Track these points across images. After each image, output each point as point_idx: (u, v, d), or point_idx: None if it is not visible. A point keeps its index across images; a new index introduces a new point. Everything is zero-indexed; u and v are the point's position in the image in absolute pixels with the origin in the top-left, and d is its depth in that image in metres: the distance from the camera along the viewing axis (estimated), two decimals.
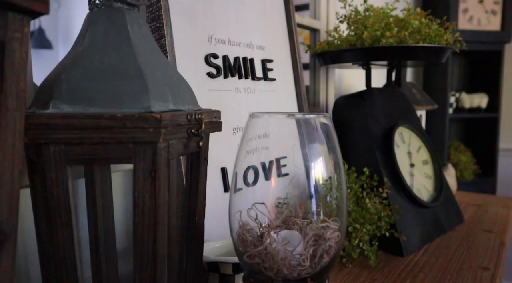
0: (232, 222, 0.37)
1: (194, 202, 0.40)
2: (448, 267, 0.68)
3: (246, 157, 0.44)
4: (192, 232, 0.40)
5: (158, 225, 0.34)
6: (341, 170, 0.40)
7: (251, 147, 0.45)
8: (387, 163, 0.79)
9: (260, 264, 0.34)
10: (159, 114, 0.32)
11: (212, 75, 0.63)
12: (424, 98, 1.11)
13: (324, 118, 0.37)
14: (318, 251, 0.34)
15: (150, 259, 0.34)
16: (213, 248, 0.52)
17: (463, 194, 1.18)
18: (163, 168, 0.34)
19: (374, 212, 0.70)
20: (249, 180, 0.59)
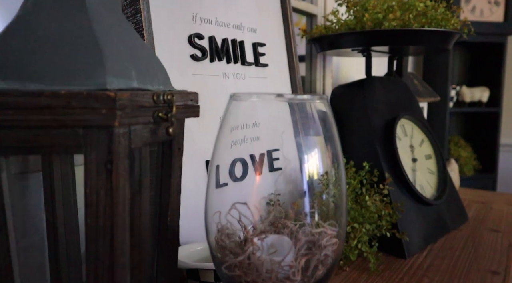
0: (209, 224, 0.31)
1: (166, 200, 0.34)
2: (455, 271, 0.62)
3: (232, 148, 0.38)
4: (164, 235, 0.34)
5: (117, 228, 0.28)
6: (340, 164, 0.34)
7: (238, 137, 0.39)
8: (388, 157, 0.73)
9: (241, 278, 0.28)
10: (113, 92, 0.25)
11: (197, 58, 0.57)
12: (426, 90, 1.05)
13: (321, 102, 0.31)
14: (312, 261, 0.28)
15: (107, 269, 0.28)
16: (194, 252, 0.46)
17: (464, 190, 1.13)
18: (122, 159, 0.27)
19: (374, 210, 0.64)
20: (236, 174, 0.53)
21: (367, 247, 0.63)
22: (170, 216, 0.34)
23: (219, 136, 0.34)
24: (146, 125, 0.29)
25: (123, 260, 0.29)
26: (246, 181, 0.50)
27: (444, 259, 0.66)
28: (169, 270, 0.35)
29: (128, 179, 0.28)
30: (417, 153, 0.81)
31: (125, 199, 0.28)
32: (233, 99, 0.32)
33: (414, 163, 0.79)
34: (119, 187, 0.27)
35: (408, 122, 0.82)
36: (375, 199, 0.65)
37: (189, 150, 0.54)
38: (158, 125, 0.31)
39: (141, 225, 0.36)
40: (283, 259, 0.27)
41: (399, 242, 0.67)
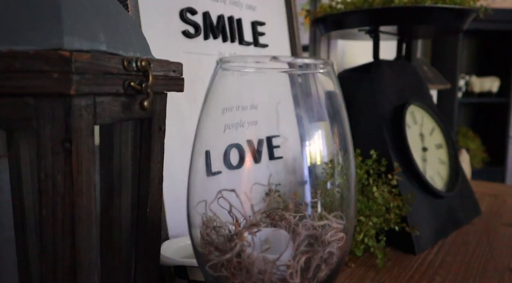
0: (192, 215, 0.26)
1: (145, 188, 0.29)
2: (469, 268, 0.57)
3: (226, 132, 0.33)
4: (143, 229, 0.30)
5: (79, 222, 0.23)
6: (349, 147, 0.29)
7: (233, 119, 0.34)
8: (397, 145, 0.68)
9: (229, 280, 0.23)
10: (68, 51, 0.20)
11: (189, 34, 0.52)
12: (436, 77, 0.99)
13: (325, 68, 0.26)
14: (314, 260, 0.23)
15: (67, 270, 0.23)
16: (183, 247, 0.41)
17: (475, 182, 1.08)
18: (85, 137, 0.23)
19: (382, 202, 0.59)
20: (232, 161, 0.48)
21: (374, 242, 0.58)
22: (150, 207, 0.29)
23: (206, 114, 0.29)
24: (116, 97, 0.25)
25: (88, 259, 0.24)
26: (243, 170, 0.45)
27: (457, 256, 0.61)
28: (149, 269, 0.30)
29: (94, 162, 0.24)
30: (428, 141, 0.76)
31: (90, 187, 0.24)
32: (222, 67, 0.27)
33: (424, 152, 0.74)
34: (81, 171, 0.23)
35: (418, 109, 0.76)
36: (383, 190, 0.60)
37: (180, 136, 0.49)
38: (131, 98, 0.26)
39: (121, 218, 0.31)
40: (278, 257, 0.22)
41: (408, 237, 0.62)
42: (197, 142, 0.30)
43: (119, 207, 0.31)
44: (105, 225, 0.31)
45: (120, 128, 0.31)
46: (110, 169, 0.32)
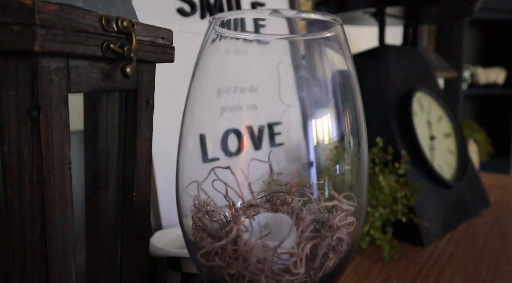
0: (181, 198, 0.23)
1: (130, 170, 0.26)
2: (481, 261, 0.54)
3: (223, 115, 0.30)
4: (129, 215, 0.26)
5: (50, 204, 0.20)
6: (361, 125, 0.26)
7: (231, 102, 0.31)
8: (404, 133, 0.65)
9: (223, 270, 0.20)
10: (31, 0, 0.17)
11: (184, 12, 0.49)
12: (443, 65, 0.96)
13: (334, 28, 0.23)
14: (320, 248, 0.20)
15: (38, 260, 0.20)
16: (176, 237, 0.38)
17: (482, 174, 1.04)
18: (56, 104, 0.20)
19: (389, 192, 0.56)
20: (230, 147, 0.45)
21: (380, 234, 0.55)
22: (136, 190, 0.26)
23: (199, 91, 0.26)
24: (94, 62, 0.21)
25: (62, 247, 0.21)
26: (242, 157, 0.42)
27: (467, 248, 0.58)
28: (137, 259, 0.27)
29: (68, 136, 0.21)
30: (435, 130, 0.73)
31: (63, 163, 0.20)
32: (214, 30, 0.24)
33: (432, 141, 0.71)
34: (52, 144, 0.20)
35: (425, 97, 0.73)
36: (390, 179, 0.57)
37: (175, 118, 0.46)
38: (112, 65, 0.23)
39: (107, 203, 0.28)
40: (280, 243, 0.19)
41: (415, 228, 0.59)
42: (189, 121, 0.26)
43: (106, 191, 0.28)
44: (90, 210, 0.28)
45: (106, 105, 0.28)
46: (95, 151, 0.29)
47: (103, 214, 0.27)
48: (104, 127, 0.29)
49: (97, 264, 0.27)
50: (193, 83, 0.26)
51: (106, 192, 0.27)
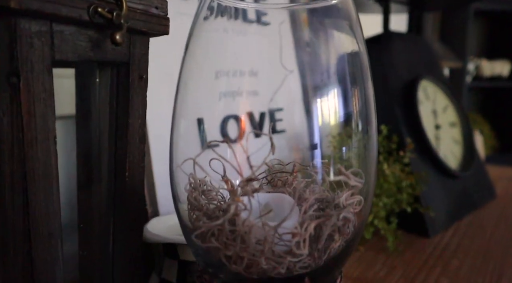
0: (175, 177, 0.21)
1: (123, 148, 0.25)
2: (489, 252, 0.52)
3: (222, 100, 0.28)
4: (121, 197, 0.25)
5: (35, 178, 0.18)
6: (370, 107, 0.24)
7: (230, 87, 0.30)
8: (409, 122, 0.64)
9: (220, 251, 0.19)
10: None
11: None
12: (447, 54, 0.94)
13: None
14: (325, 228, 0.19)
15: (20, 241, 0.19)
16: (174, 225, 0.37)
17: (487, 167, 1.03)
18: (38, 72, 0.18)
19: (394, 180, 0.54)
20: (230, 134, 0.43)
21: (384, 224, 0.54)
22: (129, 171, 0.25)
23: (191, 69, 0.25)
24: (81, 29, 0.20)
25: (47, 228, 0.19)
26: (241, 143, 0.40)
27: (474, 239, 0.57)
28: (131, 244, 0.26)
29: (52, 107, 0.19)
30: (441, 119, 0.71)
31: (48, 136, 0.19)
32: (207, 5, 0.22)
33: (437, 130, 0.69)
34: (34, 115, 0.18)
35: (430, 85, 0.71)
36: (394, 168, 0.55)
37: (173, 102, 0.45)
38: (101, 33, 0.21)
39: (101, 184, 0.27)
40: (281, 222, 0.18)
41: (421, 219, 0.58)
42: (183, 102, 0.25)
43: (98, 172, 0.27)
44: (82, 192, 0.27)
45: (99, 84, 0.27)
46: (87, 131, 0.28)
47: (95, 195, 0.26)
48: (96, 107, 0.27)
49: (88, 249, 0.26)
50: (187, 61, 0.24)
51: (98, 173, 0.26)
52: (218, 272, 0.20)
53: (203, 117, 0.28)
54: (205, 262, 0.21)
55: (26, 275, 0.19)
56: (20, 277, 0.19)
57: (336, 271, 0.21)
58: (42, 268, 0.20)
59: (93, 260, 0.26)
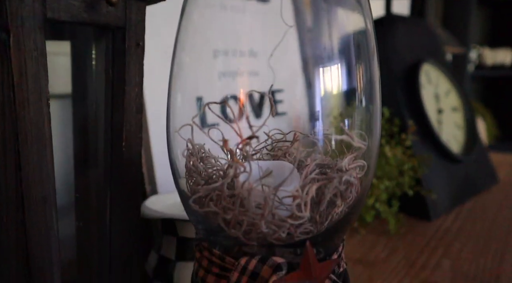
0: (172, 143, 0.21)
1: (119, 117, 0.24)
2: (491, 235, 0.52)
3: (222, 80, 0.28)
4: (118, 168, 0.24)
5: (28, 141, 0.18)
6: (375, 83, 0.23)
7: (229, 66, 0.30)
8: (411, 105, 0.63)
9: (218, 216, 0.18)
10: None
11: None
12: (450, 40, 0.93)
13: None
14: (327, 191, 0.18)
15: (13, 206, 0.18)
16: (173, 204, 0.36)
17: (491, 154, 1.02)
18: (29, 29, 0.17)
19: (395, 163, 0.54)
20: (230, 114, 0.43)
21: (386, 207, 0.53)
22: (126, 140, 0.24)
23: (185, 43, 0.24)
24: None
25: (40, 192, 0.19)
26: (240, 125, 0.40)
27: (476, 223, 0.56)
28: (127, 215, 0.25)
29: (45, 68, 0.18)
30: (443, 103, 0.70)
31: (40, 98, 0.18)
32: None
33: (440, 114, 0.68)
34: (26, 74, 0.17)
35: (433, 69, 0.71)
36: (396, 150, 0.55)
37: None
38: None
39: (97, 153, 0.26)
40: (282, 182, 0.17)
41: (422, 202, 0.57)
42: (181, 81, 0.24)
43: (95, 142, 0.26)
44: (78, 164, 0.26)
45: (96, 54, 0.26)
46: (83, 103, 0.27)
47: (92, 165, 0.25)
48: (93, 79, 0.27)
49: (85, 219, 0.25)
50: (181, 37, 0.23)
51: (95, 143, 0.25)
52: (216, 239, 0.20)
53: (202, 96, 0.28)
54: (203, 229, 0.20)
55: (20, 243, 0.19)
56: (14, 245, 0.19)
57: (338, 238, 0.20)
58: (36, 235, 0.19)
59: (90, 231, 0.25)
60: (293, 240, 0.18)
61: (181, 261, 0.32)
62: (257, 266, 0.17)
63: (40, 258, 0.19)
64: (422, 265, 0.44)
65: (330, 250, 0.20)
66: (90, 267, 0.26)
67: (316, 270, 0.17)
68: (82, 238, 0.26)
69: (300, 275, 0.17)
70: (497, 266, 0.43)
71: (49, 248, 0.20)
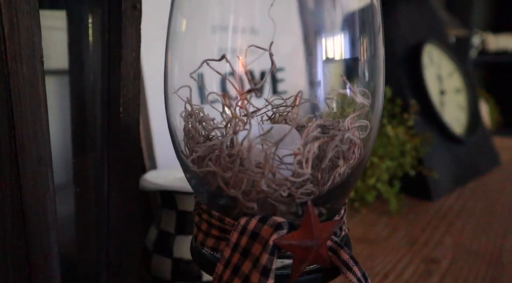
0: (170, 103, 0.20)
1: (116, 82, 0.23)
2: (493, 214, 0.52)
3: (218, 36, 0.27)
4: (116, 134, 0.24)
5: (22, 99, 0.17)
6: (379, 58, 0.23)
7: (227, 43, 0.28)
8: (413, 86, 0.62)
9: (217, 176, 0.18)
10: None
11: None
12: (452, 22, 0.91)
13: None
14: (329, 150, 0.18)
15: (6, 163, 0.18)
16: (174, 180, 0.36)
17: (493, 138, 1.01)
18: None
19: (397, 142, 0.53)
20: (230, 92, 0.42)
21: (387, 187, 0.53)
22: (123, 106, 0.24)
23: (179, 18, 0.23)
24: None
25: (36, 153, 0.18)
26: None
27: (478, 202, 0.56)
28: (125, 183, 0.25)
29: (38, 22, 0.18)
30: (446, 84, 0.69)
31: (34, 54, 0.18)
32: None
33: (442, 95, 0.67)
34: (18, 29, 0.17)
35: (435, 50, 0.70)
36: (398, 129, 0.54)
37: None
38: None
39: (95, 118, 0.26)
40: (282, 138, 0.17)
41: (424, 183, 0.57)
42: (178, 50, 0.23)
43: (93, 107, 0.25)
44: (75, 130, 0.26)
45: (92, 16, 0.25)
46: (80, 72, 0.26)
47: (88, 131, 0.25)
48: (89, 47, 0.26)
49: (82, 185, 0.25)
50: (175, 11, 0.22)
51: (92, 109, 0.25)
52: (216, 201, 0.19)
53: (202, 72, 0.27)
54: (203, 193, 0.20)
55: (15, 204, 0.19)
56: (9, 207, 0.19)
57: (340, 201, 0.20)
58: (31, 196, 0.19)
59: (87, 199, 0.25)
60: (295, 200, 0.18)
61: (181, 234, 0.32)
62: (257, 226, 0.17)
63: (36, 220, 0.19)
64: (423, 243, 0.43)
65: (332, 213, 0.20)
66: (88, 235, 0.26)
67: (317, 229, 0.17)
68: (80, 203, 0.25)
69: (300, 235, 0.17)
70: (499, 243, 0.43)
71: (45, 210, 0.19)
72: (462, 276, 0.37)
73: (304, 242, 0.17)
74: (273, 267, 0.16)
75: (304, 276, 0.18)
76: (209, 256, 0.20)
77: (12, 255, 0.19)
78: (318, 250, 0.17)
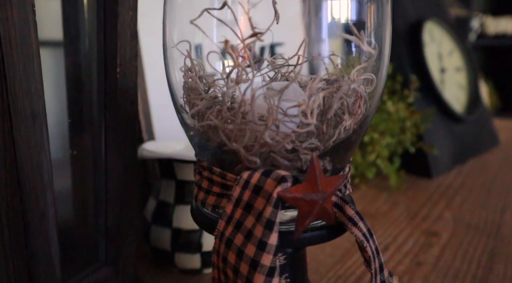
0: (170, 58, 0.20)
1: (112, 42, 0.23)
2: (493, 187, 0.52)
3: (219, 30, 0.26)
4: (113, 97, 0.23)
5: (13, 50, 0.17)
6: (386, 27, 0.22)
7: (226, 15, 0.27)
8: (414, 63, 0.61)
9: (218, 130, 0.17)
10: None
11: None
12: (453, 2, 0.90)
13: None
14: (334, 102, 0.17)
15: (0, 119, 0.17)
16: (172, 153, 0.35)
17: None
18: None
19: (397, 118, 0.53)
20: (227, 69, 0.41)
21: (387, 163, 0.53)
22: (120, 67, 0.23)
23: None
24: None
25: (30, 108, 0.18)
26: None
27: (478, 179, 0.56)
28: (121, 147, 0.24)
29: None
30: (446, 63, 0.69)
31: (25, 2, 0.17)
32: None
33: (443, 74, 0.67)
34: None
35: (436, 27, 0.69)
36: (399, 105, 0.54)
37: None
38: None
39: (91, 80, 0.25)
40: (285, 87, 0.16)
41: (424, 160, 0.57)
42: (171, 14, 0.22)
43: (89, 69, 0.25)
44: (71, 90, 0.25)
45: None
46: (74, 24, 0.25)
47: (85, 94, 0.24)
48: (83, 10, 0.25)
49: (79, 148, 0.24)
50: None
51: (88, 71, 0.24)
52: (217, 158, 0.19)
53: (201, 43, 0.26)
54: (204, 150, 0.19)
55: (8, 158, 0.18)
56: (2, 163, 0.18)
57: (344, 157, 0.19)
58: (25, 151, 0.18)
59: (84, 164, 0.25)
60: (300, 154, 0.17)
61: (180, 204, 0.32)
62: (261, 179, 0.16)
63: (31, 179, 0.18)
64: (423, 217, 0.43)
65: (336, 171, 0.19)
66: (86, 200, 0.25)
67: (323, 183, 0.16)
68: (77, 167, 0.25)
69: (305, 188, 0.16)
70: (498, 217, 0.43)
71: (40, 168, 0.19)
72: (462, 248, 0.36)
73: (309, 195, 0.16)
74: (277, 221, 0.16)
75: (308, 232, 0.18)
76: (210, 216, 0.19)
77: (7, 214, 0.18)
78: (323, 204, 0.17)
